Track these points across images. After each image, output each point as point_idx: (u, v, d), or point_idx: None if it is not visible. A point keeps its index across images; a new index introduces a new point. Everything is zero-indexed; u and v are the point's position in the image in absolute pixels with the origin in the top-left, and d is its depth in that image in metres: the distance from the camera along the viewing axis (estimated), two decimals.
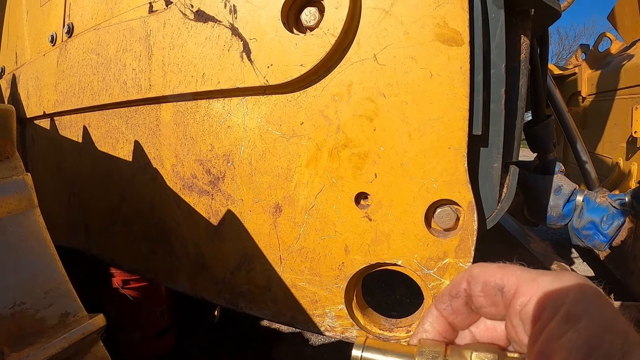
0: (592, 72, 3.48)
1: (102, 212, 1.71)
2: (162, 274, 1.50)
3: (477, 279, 0.41)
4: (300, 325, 1.22)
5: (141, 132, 1.45)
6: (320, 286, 1.15)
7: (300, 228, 1.15)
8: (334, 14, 0.98)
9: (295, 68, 1.04)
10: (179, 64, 1.25)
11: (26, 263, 0.88)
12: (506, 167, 1.10)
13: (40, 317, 0.86)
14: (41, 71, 1.92)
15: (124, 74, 1.43)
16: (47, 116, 1.95)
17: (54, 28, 1.86)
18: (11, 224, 0.89)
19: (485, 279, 0.41)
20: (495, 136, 1.03)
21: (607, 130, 3.20)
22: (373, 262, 1.08)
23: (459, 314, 0.43)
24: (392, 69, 0.99)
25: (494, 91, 1.02)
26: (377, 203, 1.05)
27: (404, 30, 0.97)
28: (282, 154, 1.14)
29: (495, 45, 1.02)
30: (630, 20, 3.33)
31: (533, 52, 1.56)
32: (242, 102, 1.18)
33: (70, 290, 0.92)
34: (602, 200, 1.72)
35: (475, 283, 0.41)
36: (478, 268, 0.42)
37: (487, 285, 0.40)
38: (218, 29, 1.16)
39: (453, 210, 1.00)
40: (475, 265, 0.43)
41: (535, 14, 1.15)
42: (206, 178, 1.29)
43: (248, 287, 1.27)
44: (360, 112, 1.03)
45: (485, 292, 0.40)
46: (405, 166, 1.01)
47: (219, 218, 1.28)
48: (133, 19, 1.40)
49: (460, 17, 0.93)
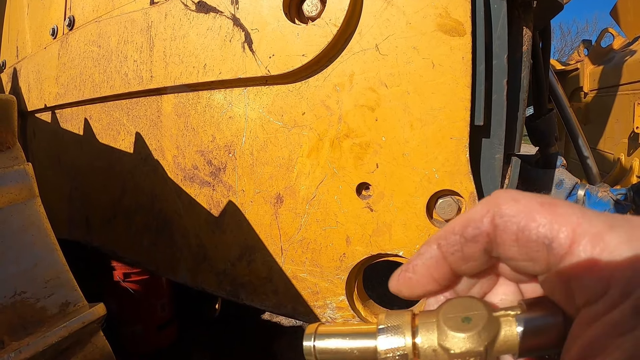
0: (594, 68, 3.47)
1: (104, 204, 1.71)
2: (163, 265, 1.50)
3: (510, 220, 0.28)
4: (301, 316, 1.22)
5: (142, 124, 1.45)
6: (321, 277, 1.15)
7: (302, 219, 1.15)
8: (336, 4, 0.98)
9: (297, 58, 1.04)
10: (181, 55, 1.25)
11: (27, 252, 0.88)
12: (508, 158, 1.10)
13: (41, 307, 0.87)
14: (42, 64, 1.91)
15: (125, 66, 1.43)
16: (48, 109, 1.95)
17: (55, 21, 1.85)
18: (12, 213, 0.89)
19: (523, 224, 0.28)
20: (497, 127, 1.03)
21: (608, 126, 3.19)
22: (374, 252, 1.08)
23: (471, 261, 0.32)
24: (394, 59, 0.99)
25: (496, 82, 1.02)
26: (379, 193, 1.05)
27: (406, 20, 0.97)
28: (284, 144, 1.14)
29: (497, 36, 1.01)
30: (633, 16, 3.32)
31: (535, 46, 1.55)
32: (243, 93, 1.18)
33: (70, 279, 0.92)
34: (604, 195, 1.71)
35: (507, 227, 0.29)
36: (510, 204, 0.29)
37: (526, 233, 0.28)
38: (220, 19, 1.16)
39: (455, 200, 1.00)
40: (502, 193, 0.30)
41: (538, 6, 1.14)
42: (207, 169, 1.29)
43: (249, 278, 1.27)
44: (362, 102, 1.03)
45: (522, 243, 0.28)
46: (406, 156, 1.01)
47: (220, 209, 1.28)
48: (134, 10, 1.40)
49: (462, 7, 0.93)
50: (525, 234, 0.28)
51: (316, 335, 0.38)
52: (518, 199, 0.29)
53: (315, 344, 0.38)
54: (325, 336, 0.38)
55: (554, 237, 0.27)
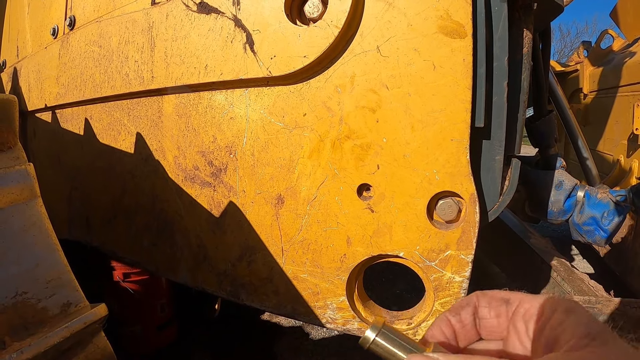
0: (594, 69, 3.48)
1: (104, 204, 1.71)
2: (163, 266, 1.51)
3: (486, 294, 0.49)
4: (301, 317, 1.22)
5: (143, 124, 1.45)
6: (321, 278, 1.15)
7: (303, 219, 1.15)
8: (337, 6, 0.98)
9: (299, 59, 1.04)
10: (182, 56, 1.25)
11: (28, 253, 0.88)
12: (508, 160, 1.10)
13: (42, 307, 0.86)
14: (43, 64, 1.91)
15: (126, 66, 1.43)
16: (49, 109, 1.95)
17: (55, 21, 1.85)
18: (13, 213, 0.89)
19: (492, 294, 0.48)
20: (498, 129, 1.03)
21: (608, 127, 3.20)
22: (375, 253, 1.08)
23: (465, 323, 0.48)
24: (395, 61, 0.99)
25: (496, 84, 1.02)
26: (380, 194, 1.05)
27: (407, 22, 0.97)
28: (285, 145, 1.14)
29: (498, 38, 1.02)
30: (633, 17, 3.32)
31: (535, 47, 1.55)
32: (244, 94, 1.18)
33: (72, 280, 0.92)
34: (603, 196, 1.72)
35: (484, 297, 0.49)
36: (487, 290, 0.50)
37: (494, 298, 0.48)
38: (221, 20, 1.16)
39: (455, 202, 1.01)
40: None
41: (538, 8, 1.15)
42: (208, 170, 1.29)
43: (249, 278, 1.27)
44: (363, 103, 1.03)
45: (491, 305, 0.47)
46: (407, 158, 1.01)
47: (221, 210, 1.28)
48: (135, 10, 1.40)
49: (463, 9, 0.93)
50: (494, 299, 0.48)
51: (381, 331, 0.45)
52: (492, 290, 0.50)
53: (376, 338, 0.44)
54: (387, 335, 0.45)
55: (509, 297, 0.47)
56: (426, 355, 0.41)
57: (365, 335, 0.45)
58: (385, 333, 0.45)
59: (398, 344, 0.44)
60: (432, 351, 0.43)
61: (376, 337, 0.45)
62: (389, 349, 0.44)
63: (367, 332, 0.45)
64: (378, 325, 0.45)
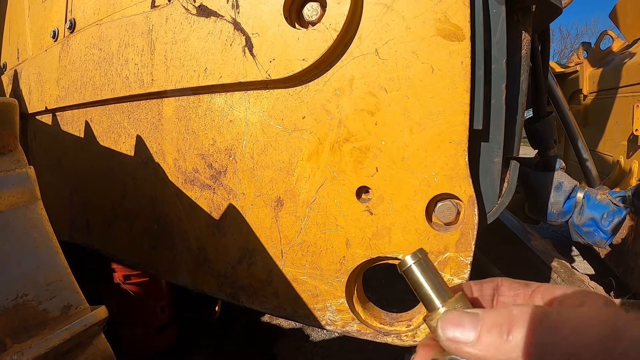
0: (594, 70, 3.48)
1: (104, 207, 1.71)
2: (163, 268, 1.51)
3: (509, 279, 0.50)
4: (301, 319, 1.22)
5: (143, 127, 1.46)
6: (321, 280, 1.16)
7: (302, 222, 1.15)
8: (336, 9, 0.99)
9: (297, 62, 1.04)
10: (181, 59, 1.26)
11: (29, 255, 0.89)
12: (507, 162, 1.10)
13: (43, 309, 0.87)
14: (43, 67, 1.92)
15: (126, 69, 1.43)
16: (49, 112, 1.95)
17: (56, 23, 1.86)
18: (14, 216, 0.89)
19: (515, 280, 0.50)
20: (496, 131, 1.04)
21: (608, 128, 3.20)
22: (374, 256, 1.08)
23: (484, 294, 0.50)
24: (394, 64, 0.99)
25: (494, 86, 1.03)
26: (378, 197, 1.05)
27: (406, 25, 0.98)
28: (284, 148, 1.15)
29: (496, 40, 1.02)
30: (632, 18, 3.33)
31: (534, 49, 1.56)
32: (244, 97, 1.19)
33: (72, 282, 0.92)
34: (603, 197, 1.72)
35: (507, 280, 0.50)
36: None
37: (516, 281, 0.49)
38: (220, 23, 1.17)
39: (454, 204, 1.01)
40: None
41: (537, 10, 1.15)
42: (208, 172, 1.29)
43: (249, 281, 1.27)
44: (361, 106, 1.04)
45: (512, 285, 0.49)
46: (406, 160, 1.01)
47: (220, 212, 1.29)
48: (135, 14, 1.41)
49: (461, 12, 0.94)
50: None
51: (419, 262, 0.45)
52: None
53: (413, 266, 0.45)
54: (423, 267, 0.45)
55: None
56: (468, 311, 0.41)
57: (405, 259, 0.46)
58: (422, 264, 0.45)
59: (430, 279, 0.45)
60: (457, 300, 0.44)
61: (413, 264, 0.45)
62: (419, 282, 0.45)
63: (407, 257, 0.46)
64: (420, 254, 0.46)
